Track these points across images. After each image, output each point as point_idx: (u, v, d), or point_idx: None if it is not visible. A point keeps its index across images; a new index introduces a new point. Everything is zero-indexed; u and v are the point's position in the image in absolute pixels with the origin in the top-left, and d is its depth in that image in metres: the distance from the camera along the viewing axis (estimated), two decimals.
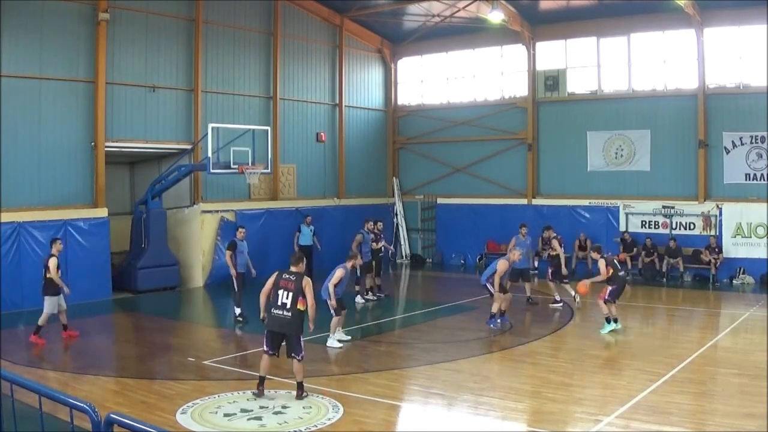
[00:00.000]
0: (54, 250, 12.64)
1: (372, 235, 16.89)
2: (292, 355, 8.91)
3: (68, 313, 12.77)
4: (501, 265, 13.51)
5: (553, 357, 11.41)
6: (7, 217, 15.26)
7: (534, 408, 8.84)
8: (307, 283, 8.83)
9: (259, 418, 8.24)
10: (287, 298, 8.79)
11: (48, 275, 12.37)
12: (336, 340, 12.17)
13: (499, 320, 13.48)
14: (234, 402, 8.85)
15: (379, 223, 17.47)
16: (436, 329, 13.96)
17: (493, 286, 13.44)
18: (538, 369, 10.82)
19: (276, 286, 8.94)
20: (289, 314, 8.76)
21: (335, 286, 12.03)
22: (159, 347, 12.43)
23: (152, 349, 12.23)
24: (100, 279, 16.88)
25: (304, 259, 9.45)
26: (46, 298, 12.38)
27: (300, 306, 8.72)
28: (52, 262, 12.39)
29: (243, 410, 8.53)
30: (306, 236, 19.31)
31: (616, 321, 12.99)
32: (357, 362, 11.26)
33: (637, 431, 7.75)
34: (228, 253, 14.37)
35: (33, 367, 10.59)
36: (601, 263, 13.15)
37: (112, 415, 3.80)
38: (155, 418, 8.13)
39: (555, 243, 16.33)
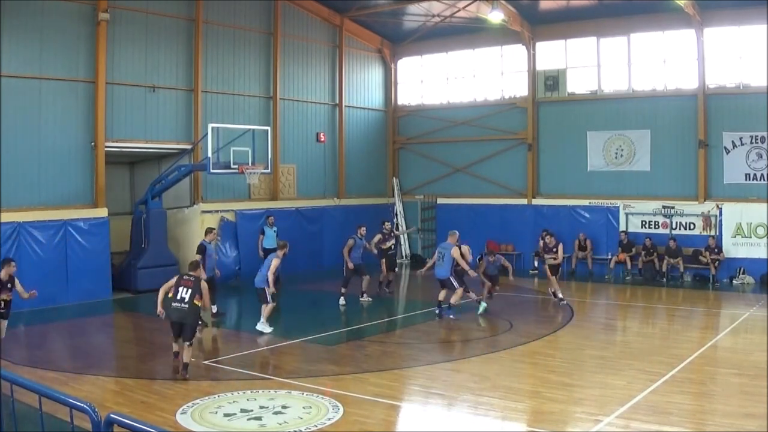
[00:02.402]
0: None
1: (380, 236, 17.40)
2: (185, 341, 10.17)
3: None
4: (455, 251, 14.35)
5: (553, 357, 11.40)
6: (7, 217, 15.25)
7: (534, 408, 8.83)
8: (204, 287, 10.08)
9: (259, 418, 8.24)
10: (186, 293, 10.15)
11: None
12: (267, 324, 13.03)
13: (451, 314, 14.33)
14: (234, 402, 8.86)
15: (387, 223, 18.17)
16: (436, 329, 13.96)
17: (456, 280, 14.37)
18: (538, 369, 10.82)
19: (177, 284, 10.28)
20: (186, 306, 10.10)
21: (273, 274, 12.93)
22: (159, 347, 12.39)
23: (152, 349, 12.22)
24: (100, 279, 16.88)
25: (201, 265, 10.28)
26: None
27: (197, 302, 9.92)
28: None
29: (243, 410, 8.53)
30: (270, 238, 18.99)
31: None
32: (357, 362, 11.26)
33: (637, 431, 7.75)
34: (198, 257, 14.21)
35: (33, 367, 10.58)
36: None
37: (112, 415, 3.80)
38: (155, 418, 8.13)
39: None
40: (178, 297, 10.13)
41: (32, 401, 4.51)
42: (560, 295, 15.99)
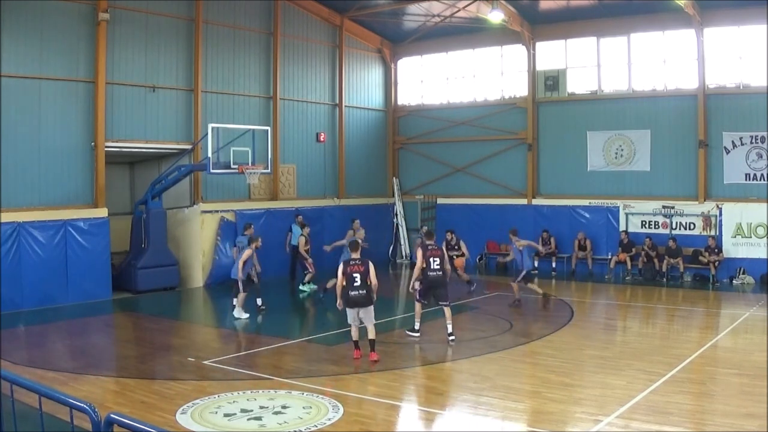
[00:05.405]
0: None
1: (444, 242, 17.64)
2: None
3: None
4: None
5: (553, 357, 11.39)
6: (7, 217, 15.26)
7: (534, 408, 8.83)
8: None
9: (259, 418, 8.24)
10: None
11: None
12: (243, 312, 14.37)
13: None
14: (234, 402, 8.85)
15: (448, 233, 18.28)
16: (436, 329, 13.93)
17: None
18: (538, 369, 10.81)
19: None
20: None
21: (244, 263, 14.23)
22: (159, 347, 12.42)
23: (152, 349, 12.23)
24: (100, 279, 16.88)
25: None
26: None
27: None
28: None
29: (243, 410, 8.53)
30: (297, 237, 19.12)
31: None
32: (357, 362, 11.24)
33: (637, 431, 7.75)
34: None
35: (33, 367, 10.58)
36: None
37: (112, 415, 3.80)
38: (155, 418, 8.12)
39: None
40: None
41: (32, 401, 4.50)
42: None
